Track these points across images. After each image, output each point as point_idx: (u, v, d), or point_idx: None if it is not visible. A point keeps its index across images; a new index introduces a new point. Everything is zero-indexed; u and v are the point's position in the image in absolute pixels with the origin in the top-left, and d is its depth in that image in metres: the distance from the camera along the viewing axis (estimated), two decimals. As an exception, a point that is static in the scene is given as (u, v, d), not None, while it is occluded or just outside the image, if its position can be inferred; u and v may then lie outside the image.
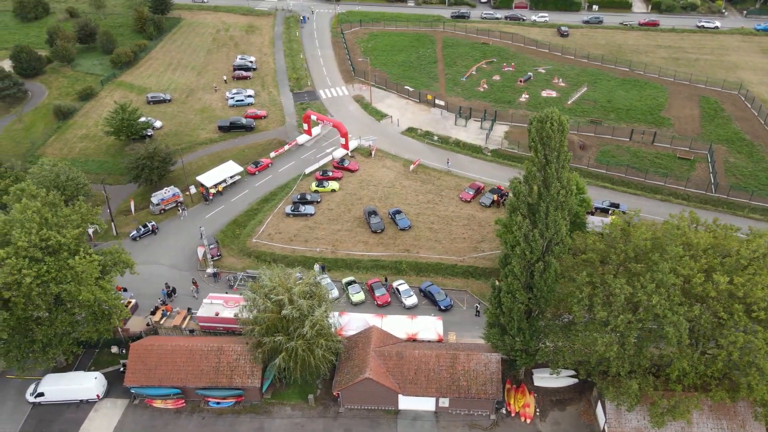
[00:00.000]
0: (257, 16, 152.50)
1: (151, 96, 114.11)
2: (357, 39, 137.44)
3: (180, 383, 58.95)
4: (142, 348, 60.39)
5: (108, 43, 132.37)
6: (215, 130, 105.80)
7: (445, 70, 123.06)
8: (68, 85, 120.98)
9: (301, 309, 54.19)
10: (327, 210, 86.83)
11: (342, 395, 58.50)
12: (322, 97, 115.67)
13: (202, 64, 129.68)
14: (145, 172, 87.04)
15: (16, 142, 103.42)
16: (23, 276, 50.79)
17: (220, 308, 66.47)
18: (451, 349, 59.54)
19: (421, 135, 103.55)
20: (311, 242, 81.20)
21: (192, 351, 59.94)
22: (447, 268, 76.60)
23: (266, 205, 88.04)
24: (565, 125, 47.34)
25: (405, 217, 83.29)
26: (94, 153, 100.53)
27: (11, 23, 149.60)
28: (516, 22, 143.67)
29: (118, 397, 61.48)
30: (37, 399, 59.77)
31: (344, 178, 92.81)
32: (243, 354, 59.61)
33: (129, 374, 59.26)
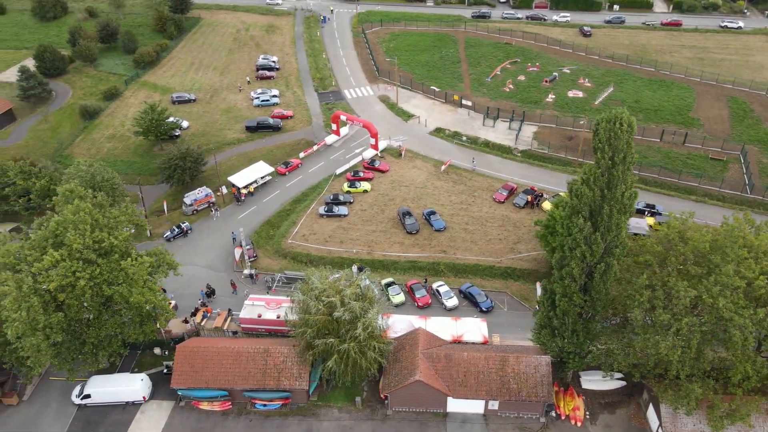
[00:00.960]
0: (277, 15, 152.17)
1: (176, 96, 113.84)
2: (378, 39, 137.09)
3: (227, 385, 58.61)
4: (188, 350, 60.06)
5: (130, 42, 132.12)
6: (242, 130, 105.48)
7: (469, 70, 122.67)
8: (92, 84, 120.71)
9: (353, 311, 53.83)
10: (360, 211, 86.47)
11: (390, 397, 58.13)
12: (348, 97, 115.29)
13: (224, 63, 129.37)
14: (177, 172, 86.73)
15: (44, 142, 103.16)
16: (77, 278, 50.47)
17: (263, 310, 66.11)
18: (499, 351, 59.20)
19: (449, 135, 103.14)
20: (346, 243, 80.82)
21: (238, 353, 59.61)
22: (485, 269, 76.18)
23: (298, 205, 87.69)
24: (634, 126, 46.95)
25: (440, 218, 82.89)
26: (123, 153, 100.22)
27: (30, 23, 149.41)
28: (537, 22, 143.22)
29: (164, 399, 61.22)
30: (83, 401, 59.50)
31: (375, 179, 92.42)
32: (290, 356, 59.23)
33: (176, 376, 58.92)
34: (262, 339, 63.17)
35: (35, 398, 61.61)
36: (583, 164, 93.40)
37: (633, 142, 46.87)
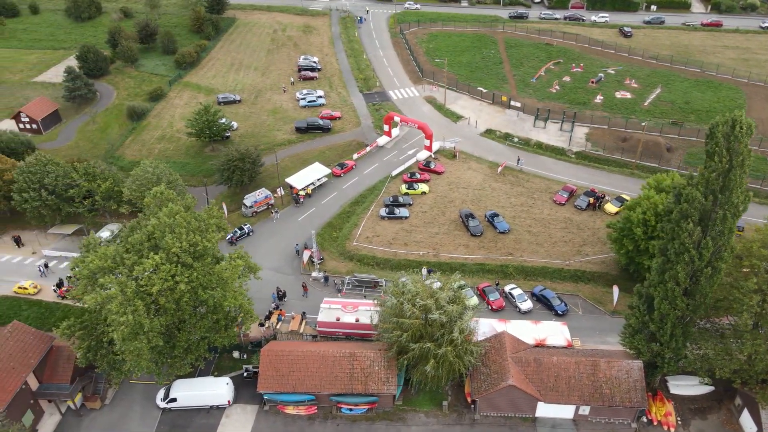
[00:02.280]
0: (312, 16, 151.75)
1: (222, 97, 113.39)
2: (417, 39, 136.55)
3: (314, 389, 58.13)
4: (272, 354, 59.57)
5: (169, 43, 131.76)
6: (291, 131, 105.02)
7: (513, 71, 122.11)
8: (135, 85, 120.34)
9: (450, 314, 53.35)
10: (420, 213, 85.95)
11: (480, 402, 57.63)
12: (393, 98, 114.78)
13: (264, 64, 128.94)
14: (236, 173, 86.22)
15: (93, 143, 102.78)
16: (177, 282, 50.04)
17: (341, 313, 65.66)
18: (588, 356, 58.61)
19: (500, 137, 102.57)
20: (411, 245, 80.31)
21: (324, 357, 59.11)
22: (553, 272, 75.64)
23: (358, 207, 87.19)
24: (753, 129, 46.46)
25: (503, 220, 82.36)
26: (174, 154, 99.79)
27: (64, 23, 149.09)
28: (576, 23, 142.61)
29: (247, 403, 60.83)
30: (169, 404, 59.12)
31: (432, 181, 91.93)
32: (376, 360, 58.72)
33: (261, 380, 58.42)
34: (346, 343, 62.71)
35: (117, 402, 61.23)
36: (641, 166, 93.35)
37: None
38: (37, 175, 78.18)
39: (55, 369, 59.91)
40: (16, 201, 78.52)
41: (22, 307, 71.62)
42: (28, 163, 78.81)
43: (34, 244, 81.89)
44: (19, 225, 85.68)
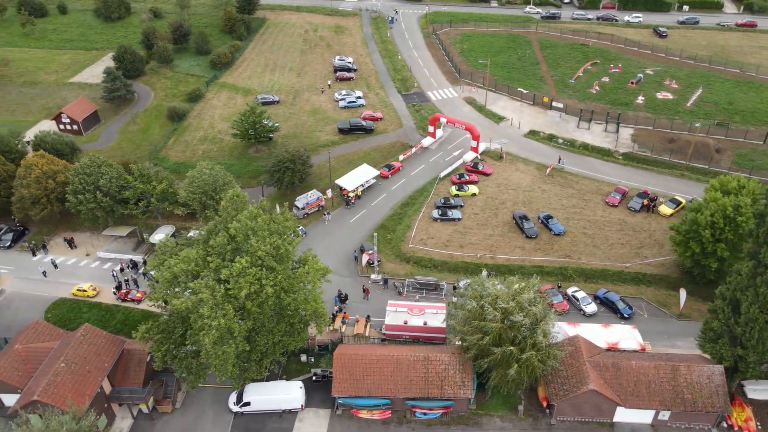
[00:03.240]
0: (343, 16, 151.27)
1: (261, 97, 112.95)
2: (450, 40, 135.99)
3: (389, 393, 57.62)
4: (345, 358, 59.10)
5: (203, 43, 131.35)
6: (334, 132, 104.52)
7: (551, 72, 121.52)
8: (172, 86, 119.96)
9: (535, 316, 52.83)
10: (473, 214, 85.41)
11: (558, 407, 57.09)
12: (432, 99, 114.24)
13: (299, 64, 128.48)
14: (287, 174, 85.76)
15: (136, 145, 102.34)
16: (263, 286, 49.58)
17: (408, 316, 65.15)
18: (666, 360, 58.06)
19: (544, 138, 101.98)
20: (466, 247, 79.77)
21: (398, 361, 58.62)
22: (613, 274, 75.02)
23: (409, 209, 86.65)
24: None
25: (558, 222, 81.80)
26: (218, 155, 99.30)
27: (94, 23, 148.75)
28: (609, 23, 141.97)
29: (318, 407, 60.37)
30: (242, 408, 58.66)
31: (480, 182, 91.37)
32: (451, 364, 58.24)
33: (336, 384, 57.95)
34: (420, 346, 62.10)
35: (188, 405, 60.82)
36: (691, 167, 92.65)
37: None
38: (92, 176, 77.77)
39: (126, 372, 59.51)
40: (71, 203, 78.11)
41: (82, 310, 71.31)
42: (83, 164, 78.39)
43: (87, 246, 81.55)
44: (69, 226, 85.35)
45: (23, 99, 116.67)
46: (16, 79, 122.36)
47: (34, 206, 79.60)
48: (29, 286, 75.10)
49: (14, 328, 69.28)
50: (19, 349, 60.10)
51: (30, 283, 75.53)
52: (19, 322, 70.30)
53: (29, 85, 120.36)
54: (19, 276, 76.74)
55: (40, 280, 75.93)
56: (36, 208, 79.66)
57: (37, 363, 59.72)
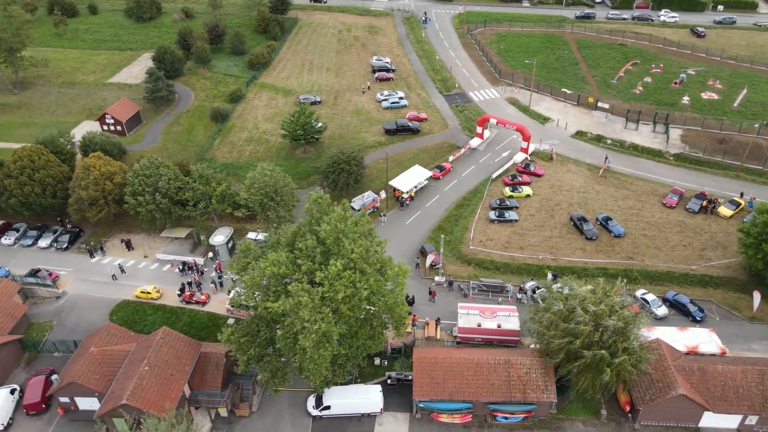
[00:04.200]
0: (375, 16, 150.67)
1: (302, 98, 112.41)
2: (486, 40, 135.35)
3: (471, 397, 57.11)
4: (425, 361, 58.65)
5: (238, 43, 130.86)
6: (379, 132, 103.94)
7: (591, 72, 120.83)
8: (211, 86, 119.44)
9: (627, 320, 52.23)
10: (529, 216, 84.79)
11: (643, 411, 56.44)
12: (475, 100, 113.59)
13: (336, 65, 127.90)
14: (343, 176, 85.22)
15: (182, 146, 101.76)
16: (357, 289, 49.06)
17: (481, 319, 64.60)
18: (752, 364, 57.35)
19: (592, 139, 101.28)
20: (527, 249, 79.20)
21: (479, 364, 58.13)
22: (679, 276, 74.39)
23: (464, 210, 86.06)
24: None
25: (618, 224, 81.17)
26: (265, 156, 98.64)
27: (125, 23, 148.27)
28: (645, 23, 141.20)
29: (396, 411, 59.85)
30: (322, 412, 58.14)
31: (533, 183, 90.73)
32: (533, 367, 57.73)
33: (417, 388, 57.45)
34: (501, 350, 61.51)
35: (264, 409, 60.33)
36: (746, 168, 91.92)
37: None
38: (152, 178, 77.33)
39: (204, 375, 59.06)
40: (130, 204, 77.66)
41: (147, 312, 70.87)
42: (142, 165, 77.94)
43: (145, 248, 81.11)
44: (122, 228, 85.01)
45: (63, 100, 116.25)
46: (54, 79, 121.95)
47: (91, 208, 79.18)
48: (91, 288, 74.70)
49: (79, 331, 69.15)
50: (94, 351, 59.81)
51: (91, 285, 75.12)
52: (83, 325, 70.06)
53: (68, 85, 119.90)
54: (79, 278, 76.34)
55: (101, 282, 75.55)
56: (93, 210, 79.23)
57: (112, 366, 59.48)
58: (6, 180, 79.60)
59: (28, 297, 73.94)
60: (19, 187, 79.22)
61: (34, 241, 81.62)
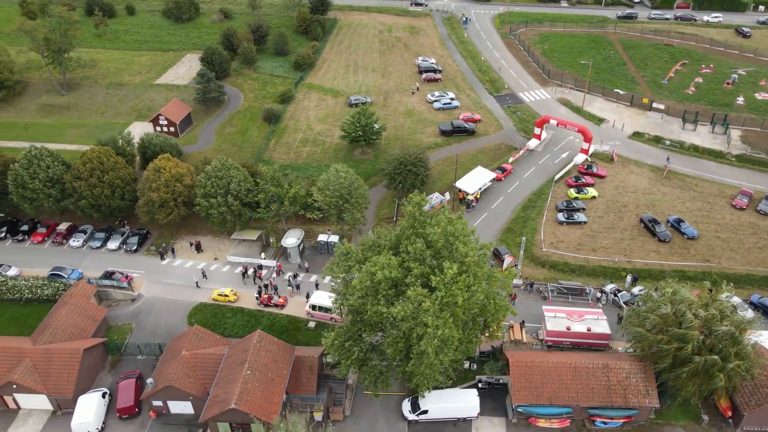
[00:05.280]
0: (414, 17, 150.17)
1: (353, 99, 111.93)
2: (529, 40, 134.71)
3: (571, 402, 56.50)
4: (522, 365, 58.09)
5: (282, 44, 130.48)
6: (434, 133, 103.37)
7: (641, 72, 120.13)
8: (259, 87, 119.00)
9: (740, 324, 51.59)
10: (597, 218, 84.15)
11: (748, 416, 55.77)
12: (526, 101, 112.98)
13: (380, 65, 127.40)
14: (409, 177, 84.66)
15: (238, 147, 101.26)
16: (473, 293, 48.56)
17: (570, 322, 64.02)
18: None
19: (650, 139, 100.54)
20: (599, 251, 78.57)
21: (577, 368, 57.53)
22: (760, 279, 73.75)
23: (530, 212, 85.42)
24: None
25: (690, 226, 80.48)
26: (323, 158, 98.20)
27: (164, 24, 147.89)
28: (688, 23, 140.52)
29: (490, 415, 59.29)
30: (419, 416, 57.58)
31: (595, 184, 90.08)
32: (632, 372, 57.07)
33: (515, 392, 56.88)
34: (599, 354, 60.97)
35: (357, 413, 59.75)
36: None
37: None
38: (224, 179, 76.89)
39: (299, 379, 58.53)
40: (202, 206, 77.20)
41: (226, 315, 70.41)
42: (214, 167, 77.50)
43: (214, 250, 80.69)
44: (189, 230, 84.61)
45: (111, 101, 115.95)
46: (101, 80, 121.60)
47: (161, 210, 78.76)
48: (165, 291, 74.29)
49: (159, 334, 68.79)
50: (186, 355, 59.38)
51: (165, 288, 74.73)
52: (162, 327, 69.70)
53: (115, 86, 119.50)
54: (153, 280, 75.95)
55: (175, 284, 75.14)
56: (163, 212, 78.81)
57: (205, 369, 59.09)
58: (76, 182, 79.26)
59: (102, 299, 73.60)
60: (89, 189, 78.89)
61: (102, 243, 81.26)
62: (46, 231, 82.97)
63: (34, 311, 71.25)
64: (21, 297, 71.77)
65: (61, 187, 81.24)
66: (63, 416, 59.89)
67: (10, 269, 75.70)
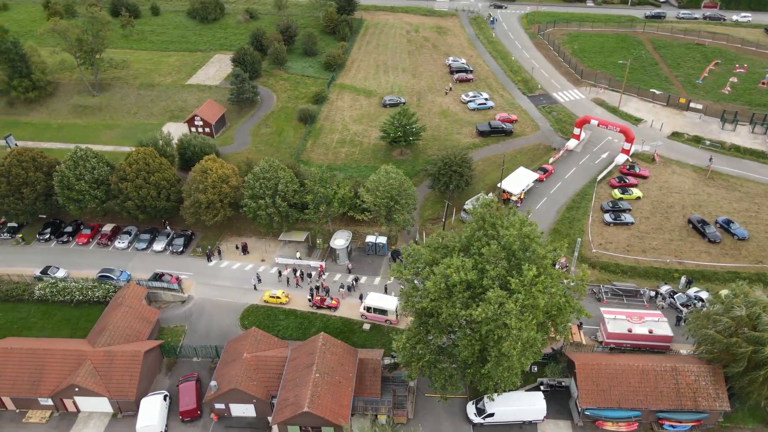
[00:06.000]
0: (440, 17, 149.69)
1: (388, 99, 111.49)
2: (558, 40, 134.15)
3: (640, 405, 55.97)
4: (588, 368, 57.54)
5: (311, 44, 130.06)
6: (471, 133, 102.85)
7: (674, 72, 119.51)
8: (291, 87, 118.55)
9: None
10: (644, 218, 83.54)
11: (819, 420, 55.34)
12: (560, 101, 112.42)
13: (410, 65, 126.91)
14: (455, 178, 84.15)
15: (275, 147, 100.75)
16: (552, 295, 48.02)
17: (632, 324, 63.45)
18: None
19: (689, 140, 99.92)
20: (649, 252, 77.98)
21: (644, 371, 56.99)
22: (813, 281, 73.25)
23: (575, 213, 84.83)
24: None
25: (740, 227, 79.87)
26: (362, 159, 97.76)
27: (189, 24, 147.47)
28: (717, 22, 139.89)
29: (555, 418, 58.74)
30: (486, 420, 57.07)
31: (639, 185, 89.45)
32: (701, 374, 56.51)
33: (582, 395, 56.35)
34: (668, 356, 60.42)
35: (420, 416, 59.21)
36: None
37: None
38: (272, 180, 76.49)
39: (363, 382, 58.04)
40: (249, 207, 76.77)
41: (278, 317, 69.96)
42: (262, 168, 77.09)
43: (261, 252, 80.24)
44: (233, 231, 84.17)
45: (143, 101, 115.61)
46: (132, 81, 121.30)
47: (207, 211, 78.33)
48: (215, 293, 73.88)
49: (213, 336, 68.41)
50: (248, 357, 58.95)
51: (215, 289, 74.31)
52: (215, 329, 69.30)
53: (146, 87, 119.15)
54: (201, 282, 75.53)
55: (224, 286, 74.73)
56: (209, 213, 78.39)
57: (267, 372, 58.70)
58: (122, 183, 78.90)
59: (151, 301, 73.20)
60: (135, 191, 78.53)
61: (147, 244, 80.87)
62: (90, 232, 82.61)
63: (85, 313, 71.05)
64: (72, 299, 71.44)
65: (106, 188, 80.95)
66: (123, 419, 59.52)
67: (59, 271, 75.36)
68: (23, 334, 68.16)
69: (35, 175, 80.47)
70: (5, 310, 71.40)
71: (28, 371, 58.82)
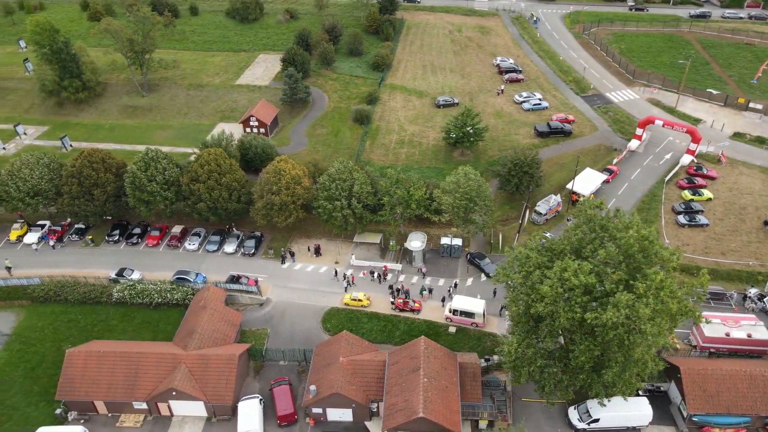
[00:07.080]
0: (482, 16, 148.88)
1: (442, 99, 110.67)
2: (603, 40, 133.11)
3: (749, 411, 55.04)
4: (694, 373, 56.58)
5: (356, 44, 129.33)
6: (529, 134, 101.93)
7: (727, 72, 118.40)
8: (341, 87, 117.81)
9: None
10: (717, 220, 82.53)
11: None
12: (614, 101, 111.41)
13: (457, 66, 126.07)
14: (525, 179, 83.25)
15: (333, 149, 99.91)
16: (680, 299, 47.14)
17: (729, 329, 62.46)
18: None
19: (752, 140, 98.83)
20: (729, 255, 76.92)
21: (753, 377, 56.04)
22: None
23: (647, 214, 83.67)
24: None
25: (820, 229, 78.98)
26: (423, 159, 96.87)
27: (229, 24, 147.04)
28: (763, 22, 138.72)
29: (658, 424, 57.75)
30: (590, 425, 56.13)
31: (708, 186, 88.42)
32: (811, 380, 55.60)
33: (690, 401, 55.44)
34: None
35: (519, 421, 58.23)
36: None
37: None
38: (347, 182, 75.70)
39: (463, 386, 57.04)
40: (324, 209, 75.96)
41: (361, 320, 69.03)
42: (337, 170, 76.32)
43: (334, 254, 79.41)
44: (302, 233, 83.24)
45: (193, 102, 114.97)
46: (180, 81, 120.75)
47: (279, 213, 77.52)
48: (293, 295, 73.04)
49: (297, 339, 67.58)
50: (344, 362, 58.15)
51: (292, 292, 73.47)
52: (298, 333, 68.48)
53: (195, 87, 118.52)
54: (277, 284, 74.73)
55: (300, 288, 73.87)
56: (282, 215, 77.57)
57: (364, 376, 57.92)
58: (193, 184, 78.18)
59: (228, 304, 72.35)
60: (207, 192, 77.78)
61: (218, 246, 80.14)
62: (159, 234, 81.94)
63: (164, 315, 70.34)
64: (151, 301, 70.73)
65: (176, 189, 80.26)
66: (219, 423, 58.77)
67: (133, 273, 74.67)
68: (105, 337, 67.43)
69: (105, 176, 79.82)
70: (84, 312, 70.73)
71: (123, 375, 58.10)
